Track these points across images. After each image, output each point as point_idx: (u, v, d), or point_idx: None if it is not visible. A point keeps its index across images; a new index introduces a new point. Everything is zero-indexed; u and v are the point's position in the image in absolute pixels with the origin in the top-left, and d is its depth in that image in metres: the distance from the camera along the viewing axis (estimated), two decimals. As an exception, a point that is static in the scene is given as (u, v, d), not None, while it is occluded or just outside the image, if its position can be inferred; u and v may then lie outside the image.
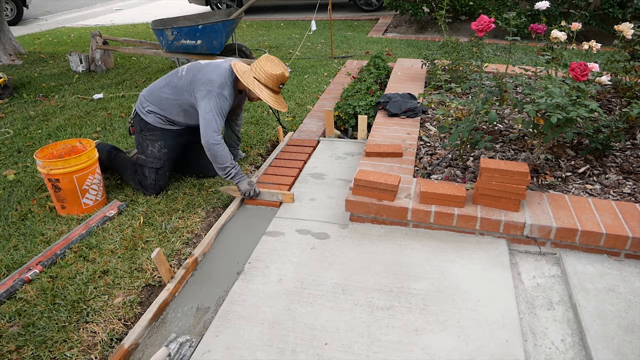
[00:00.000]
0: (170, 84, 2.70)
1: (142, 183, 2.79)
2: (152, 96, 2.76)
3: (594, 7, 6.11)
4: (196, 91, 2.59)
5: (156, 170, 2.78)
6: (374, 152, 2.85)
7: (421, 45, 6.51)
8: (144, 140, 2.77)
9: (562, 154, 2.84)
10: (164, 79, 2.77)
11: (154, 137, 2.76)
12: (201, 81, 2.58)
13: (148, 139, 2.76)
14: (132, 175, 2.83)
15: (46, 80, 5.39)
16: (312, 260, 2.22)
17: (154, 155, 2.77)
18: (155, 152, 2.77)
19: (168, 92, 2.70)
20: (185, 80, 2.65)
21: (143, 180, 2.78)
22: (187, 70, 2.69)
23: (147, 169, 2.77)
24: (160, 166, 2.78)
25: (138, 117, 2.79)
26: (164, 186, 2.86)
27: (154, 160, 2.77)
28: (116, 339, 1.86)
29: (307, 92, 4.69)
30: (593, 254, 2.19)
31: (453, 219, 2.31)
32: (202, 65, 2.69)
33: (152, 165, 2.76)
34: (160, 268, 2.07)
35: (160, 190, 2.85)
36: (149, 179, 2.77)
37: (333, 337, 1.79)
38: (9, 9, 9.37)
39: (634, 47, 3.21)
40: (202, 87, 2.56)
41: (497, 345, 1.73)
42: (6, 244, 2.43)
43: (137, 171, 2.81)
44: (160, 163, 2.78)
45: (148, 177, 2.77)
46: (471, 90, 3.87)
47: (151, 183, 2.78)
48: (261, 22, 8.99)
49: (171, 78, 2.72)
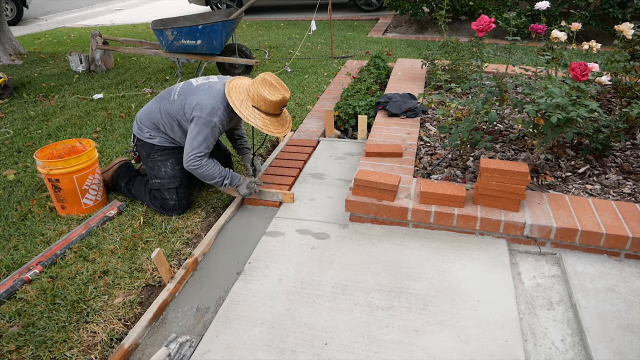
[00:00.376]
0: (164, 110, 2.58)
1: (165, 207, 2.63)
2: (149, 122, 2.64)
3: (594, 7, 6.11)
4: (188, 116, 2.47)
5: (175, 189, 2.62)
6: (374, 152, 2.85)
7: (421, 45, 6.51)
8: (154, 164, 2.63)
9: (562, 154, 2.84)
10: (157, 102, 2.63)
11: (164, 157, 2.63)
12: (191, 106, 2.45)
13: (158, 161, 2.63)
14: (152, 201, 2.67)
15: (46, 80, 5.39)
16: (312, 260, 2.22)
17: (169, 175, 2.62)
18: (169, 172, 2.63)
19: (164, 118, 2.58)
20: (177, 106, 2.52)
21: (165, 203, 2.63)
22: (179, 93, 2.55)
23: (165, 192, 2.62)
24: (179, 184, 2.64)
25: (141, 142, 2.66)
26: (187, 204, 2.71)
27: (170, 180, 2.62)
28: (116, 339, 1.86)
29: (307, 92, 4.69)
30: (593, 254, 2.19)
31: (453, 219, 2.31)
32: (194, 87, 2.55)
33: (170, 185, 2.62)
34: (160, 268, 2.08)
35: (186, 209, 2.69)
36: (170, 201, 2.62)
37: (333, 337, 1.79)
38: (9, 9, 9.37)
39: (634, 47, 3.21)
40: (192, 112, 2.44)
41: (497, 346, 1.73)
42: (6, 244, 2.43)
43: (156, 196, 2.65)
44: (178, 181, 2.64)
45: (169, 199, 2.62)
46: (471, 90, 3.87)
47: (174, 204, 2.63)
48: (261, 22, 8.99)
49: (164, 103, 2.59)
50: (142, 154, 2.70)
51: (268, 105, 2.43)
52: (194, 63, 5.65)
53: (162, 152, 2.63)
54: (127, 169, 2.89)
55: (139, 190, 2.74)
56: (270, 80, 2.43)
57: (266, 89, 2.41)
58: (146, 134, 2.64)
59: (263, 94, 2.40)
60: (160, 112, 2.59)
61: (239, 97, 2.45)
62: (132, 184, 2.79)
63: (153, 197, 2.67)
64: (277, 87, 2.43)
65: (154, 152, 2.63)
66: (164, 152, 2.64)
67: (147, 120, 2.65)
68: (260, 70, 5.53)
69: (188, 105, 2.47)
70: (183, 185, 2.68)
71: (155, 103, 2.65)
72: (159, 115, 2.60)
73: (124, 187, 2.81)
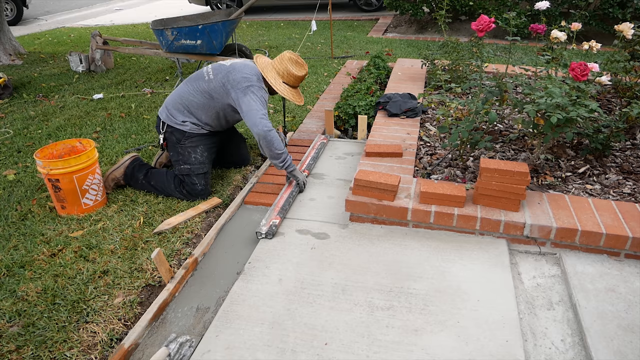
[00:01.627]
0: (199, 89, 2.70)
1: (193, 192, 2.75)
2: (182, 105, 2.74)
3: (594, 7, 6.11)
4: (233, 90, 2.62)
5: (204, 175, 2.77)
6: (374, 152, 2.85)
7: (421, 45, 6.51)
8: (184, 150, 2.75)
9: (562, 154, 2.84)
10: (189, 85, 2.76)
11: (194, 144, 2.76)
12: (237, 80, 2.62)
13: (189, 147, 2.75)
14: (178, 187, 2.76)
15: (46, 80, 5.39)
16: (312, 260, 2.22)
17: (199, 161, 2.76)
18: (199, 158, 2.76)
19: (200, 98, 2.70)
20: (216, 83, 2.66)
21: (193, 188, 2.75)
22: (214, 73, 2.69)
23: (195, 177, 2.74)
24: (207, 170, 2.79)
25: (171, 129, 2.77)
26: (210, 191, 2.86)
27: (200, 166, 2.76)
28: (116, 339, 1.86)
29: (307, 92, 4.69)
30: (593, 254, 2.19)
31: (453, 219, 2.31)
32: (229, 65, 2.71)
33: (200, 171, 2.75)
34: (160, 268, 2.08)
35: (210, 195, 2.84)
36: (199, 186, 2.75)
37: (333, 337, 1.79)
38: (9, 9, 9.37)
39: (634, 47, 3.21)
40: (240, 85, 2.61)
41: (497, 346, 1.73)
42: (6, 244, 2.43)
43: (184, 181, 2.75)
44: (206, 167, 2.79)
45: (198, 184, 2.75)
46: (471, 90, 3.87)
47: (202, 189, 2.77)
48: (261, 22, 8.99)
49: (198, 83, 2.72)
50: (171, 140, 2.80)
51: (295, 79, 2.82)
52: (194, 63, 5.65)
53: (192, 138, 2.76)
54: (141, 163, 2.93)
55: (161, 180, 2.81)
56: (296, 59, 2.81)
57: (293, 66, 2.79)
58: (178, 120, 2.75)
59: (292, 70, 2.78)
60: (195, 92, 2.71)
61: (272, 75, 2.78)
62: (150, 175, 2.84)
63: (180, 183, 2.77)
64: (301, 63, 2.83)
65: (184, 138, 2.75)
66: (194, 138, 2.76)
67: (179, 105, 2.76)
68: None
69: (233, 80, 2.63)
70: (209, 172, 2.84)
71: (186, 86, 2.77)
72: (193, 96, 2.71)
73: (143, 179, 2.84)
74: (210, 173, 2.85)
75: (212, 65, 2.76)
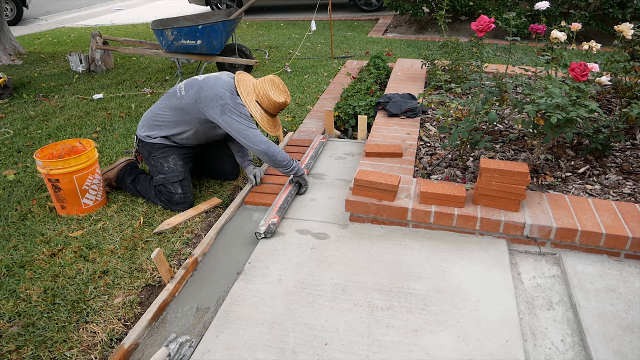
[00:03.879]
0: (171, 106, 2.62)
1: (171, 200, 2.66)
2: (154, 121, 2.68)
3: (593, 8, 6.11)
4: (207, 109, 2.50)
5: (180, 182, 2.67)
6: (373, 152, 2.85)
7: (421, 45, 6.51)
8: (157, 161, 2.68)
9: (562, 154, 2.84)
10: (163, 101, 2.68)
11: (165, 154, 2.68)
12: (209, 97, 2.49)
13: (160, 158, 2.68)
14: (158, 196, 2.70)
15: (46, 80, 5.39)
16: (312, 260, 2.22)
17: (172, 170, 2.67)
18: (172, 167, 2.68)
19: (172, 115, 2.62)
20: (188, 100, 2.55)
21: (171, 197, 2.66)
22: (186, 89, 2.59)
23: (170, 185, 2.65)
24: (183, 177, 2.68)
25: (142, 143, 2.72)
26: (192, 199, 2.74)
27: (173, 174, 2.67)
28: (116, 339, 1.86)
29: (307, 92, 4.69)
30: (593, 254, 2.19)
31: (453, 219, 2.31)
32: (201, 80, 2.58)
33: (174, 179, 2.66)
34: (160, 268, 2.08)
35: (192, 204, 2.72)
36: (176, 194, 2.66)
37: (333, 337, 1.79)
38: (9, 9, 9.37)
39: (634, 48, 3.21)
40: (213, 104, 2.48)
41: (497, 346, 1.73)
42: (6, 244, 2.43)
43: (161, 191, 2.68)
44: (181, 175, 2.68)
45: (175, 193, 2.65)
46: (471, 90, 3.87)
47: (180, 197, 2.66)
48: (261, 22, 8.99)
49: (170, 100, 2.63)
50: (144, 154, 2.75)
51: (270, 104, 2.60)
52: (194, 63, 5.65)
53: (162, 149, 2.69)
54: (133, 167, 2.92)
55: (145, 187, 2.77)
56: (278, 82, 2.63)
57: (273, 90, 2.59)
58: (146, 134, 2.70)
59: (269, 93, 2.58)
60: (167, 109, 2.64)
61: (246, 89, 2.59)
62: (137, 181, 2.82)
63: (159, 192, 2.70)
64: (282, 90, 2.63)
65: (154, 150, 2.69)
66: (165, 149, 2.69)
67: (150, 121, 2.70)
68: (260, 70, 5.53)
69: (205, 97, 2.50)
70: (187, 179, 2.72)
71: (160, 103, 2.70)
72: (164, 112, 2.64)
73: (130, 184, 2.83)
74: (188, 180, 2.72)
75: (186, 81, 2.66)
